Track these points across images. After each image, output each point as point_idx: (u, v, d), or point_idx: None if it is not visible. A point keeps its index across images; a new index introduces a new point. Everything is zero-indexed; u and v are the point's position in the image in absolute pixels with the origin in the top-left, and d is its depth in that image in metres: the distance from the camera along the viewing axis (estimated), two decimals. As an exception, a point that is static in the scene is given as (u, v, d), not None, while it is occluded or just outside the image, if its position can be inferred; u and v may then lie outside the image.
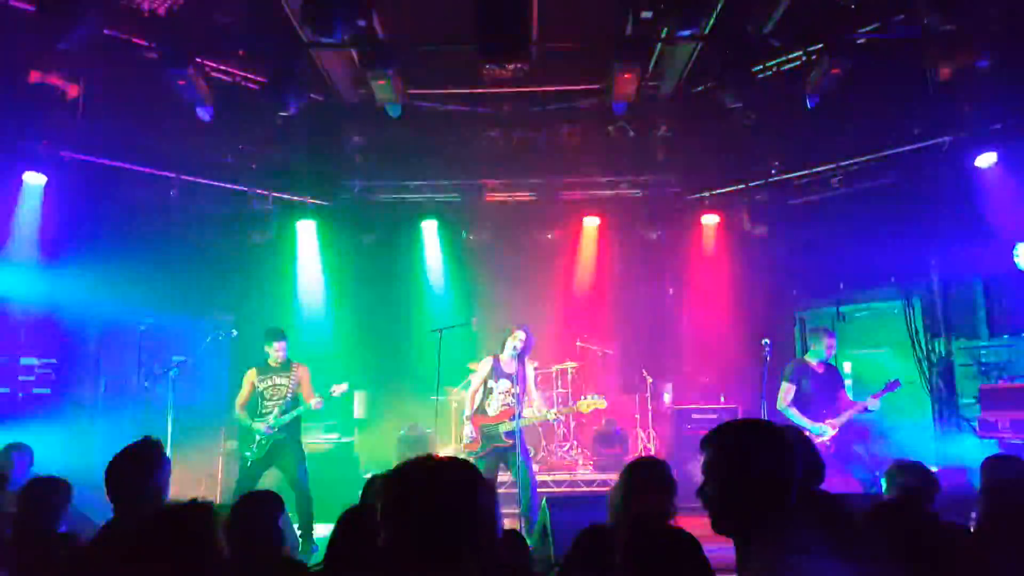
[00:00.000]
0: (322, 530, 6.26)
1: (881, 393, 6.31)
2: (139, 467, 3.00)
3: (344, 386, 6.72)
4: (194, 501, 2.23)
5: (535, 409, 6.42)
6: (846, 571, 1.80)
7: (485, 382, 6.37)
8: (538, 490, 6.21)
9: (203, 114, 6.93)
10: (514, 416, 6.04)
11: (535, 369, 6.75)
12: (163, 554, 1.98)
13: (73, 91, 6.72)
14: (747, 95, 7.14)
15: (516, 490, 6.03)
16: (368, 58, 6.57)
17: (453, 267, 9.87)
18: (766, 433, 1.91)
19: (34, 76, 6.39)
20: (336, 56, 7.27)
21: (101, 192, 7.66)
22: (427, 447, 7.99)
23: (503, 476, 6.51)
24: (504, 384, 6.29)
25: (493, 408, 6.28)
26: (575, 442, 9.12)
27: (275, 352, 6.66)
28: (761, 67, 7.51)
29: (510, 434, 6.08)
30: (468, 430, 6.36)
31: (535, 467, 7.21)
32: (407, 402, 9.53)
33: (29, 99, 6.63)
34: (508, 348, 6.27)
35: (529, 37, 6.35)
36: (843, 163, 8.04)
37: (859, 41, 6.65)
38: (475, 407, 6.40)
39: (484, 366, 6.42)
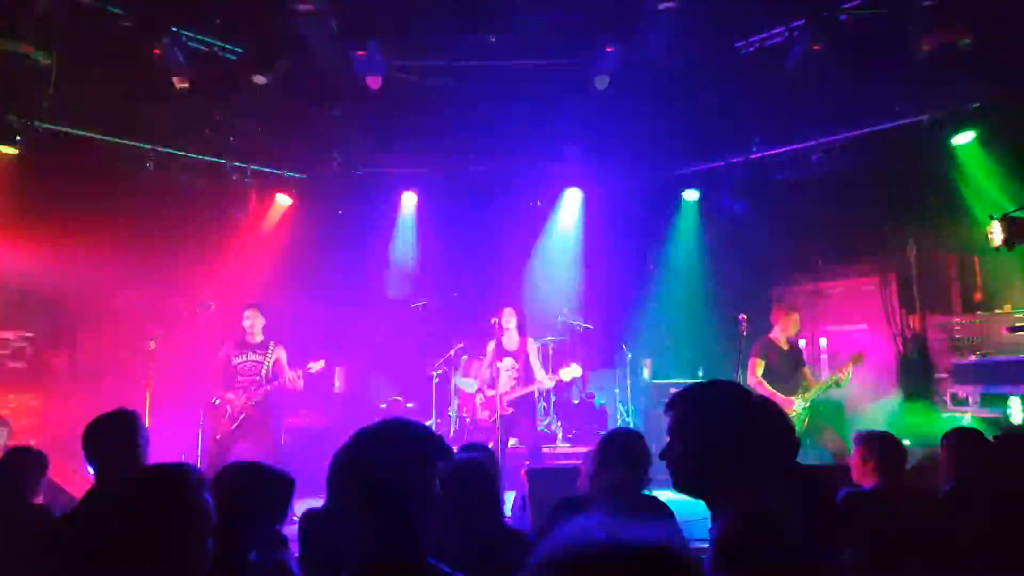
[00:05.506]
0: (300, 506, 6.28)
1: (847, 366, 6.40)
2: (117, 432, 3.00)
3: (321, 363, 6.72)
4: (177, 463, 2.24)
5: (538, 378, 6.89)
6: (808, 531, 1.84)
7: (493, 362, 6.93)
8: (520, 461, 6.58)
9: (180, 84, 6.82)
10: (513, 388, 6.76)
11: (537, 344, 7.27)
12: (148, 512, 1.97)
13: (46, 60, 6.57)
14: (729, 70, 7.14)
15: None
16: (348, 27, 6.48)
17: (434, 240, 9.85)
18: (730, 394, 1.93)
19: (5, 44, 6.24)
20: (316, 25, 7.16)
21: (76, 163, 7.54)
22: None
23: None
24: (508, 361, 6.91)
25: (501, 383, 6.84)
26: (555, 416, 9.19)
27: (249, 323, 6.64)
28: (743, 42, 7.49)
29: (511, 403, 6.73)
30: (480, 401, 7.06)
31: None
32: (388, 376, 9.56)
33: (0, 68, 6.49)
34: (506, 327, 6.87)
35: (511, 6, 6.29)
36: (823, 140, 8.07)
37: (841, 17, 6.64)
38: (488, 384, 6.98)
39: (490, 349, 6.99)
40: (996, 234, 6.20)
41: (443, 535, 2.65)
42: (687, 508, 2.73)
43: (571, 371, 6.83)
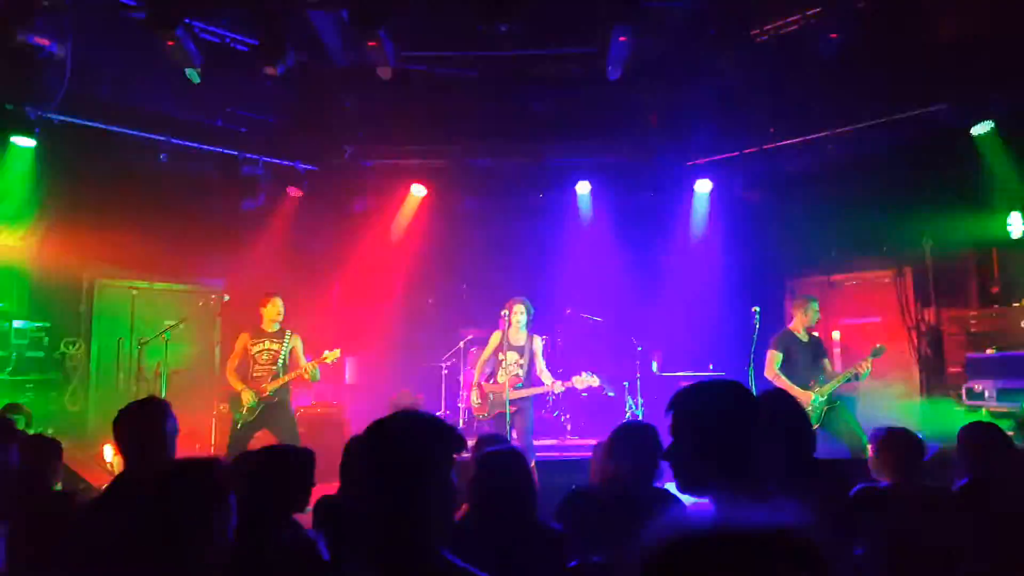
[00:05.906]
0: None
1: (867, 359, 6.31)
2: (147, 421, 3.03)
3: (336, 352, 6.73)
4: (205, 457, 2.27)
5: (544, 380, 6.70)
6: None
7: (495, 353, 6.77)
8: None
9: (192, 76, 6.83)
10: (518, 385, 6.56)
11: (543, 341, 7.08)
12: (179, 503, 2.00)
13: (61, 52, 6.61)
14: (744, 59, 7.06)
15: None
16: (359, 18, 6.46)
17: (444, 233, 9.83)
18: (729, 393, 1.92)
19: (20, 37, 6.28)
20: (327, 16, 7.16)
21: (91, 155, 7.59)
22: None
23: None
24: (512, 355, 6.68)
25: (502, 377, 6.64)
26: (564, 408, 9.18)
27: (270, 311, 6.65)
28: (758, 30, 7.40)
29: (514, 401, 6.52)
30: (475, 395, 6.83)
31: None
32: (398, 368, 9.58)
33: (15, 60, 6.52)
34: (515, 321, 6.65)
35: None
36: (838, 130, 7.96)
37: (858, 5, 6.56)
38: (485, 376, 6.83)
39: (494, 339, 6.81)
40: (1016, 225, 6.12)
41: (475, 526, 2.66)
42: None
43: (586, 380, 6.63)
